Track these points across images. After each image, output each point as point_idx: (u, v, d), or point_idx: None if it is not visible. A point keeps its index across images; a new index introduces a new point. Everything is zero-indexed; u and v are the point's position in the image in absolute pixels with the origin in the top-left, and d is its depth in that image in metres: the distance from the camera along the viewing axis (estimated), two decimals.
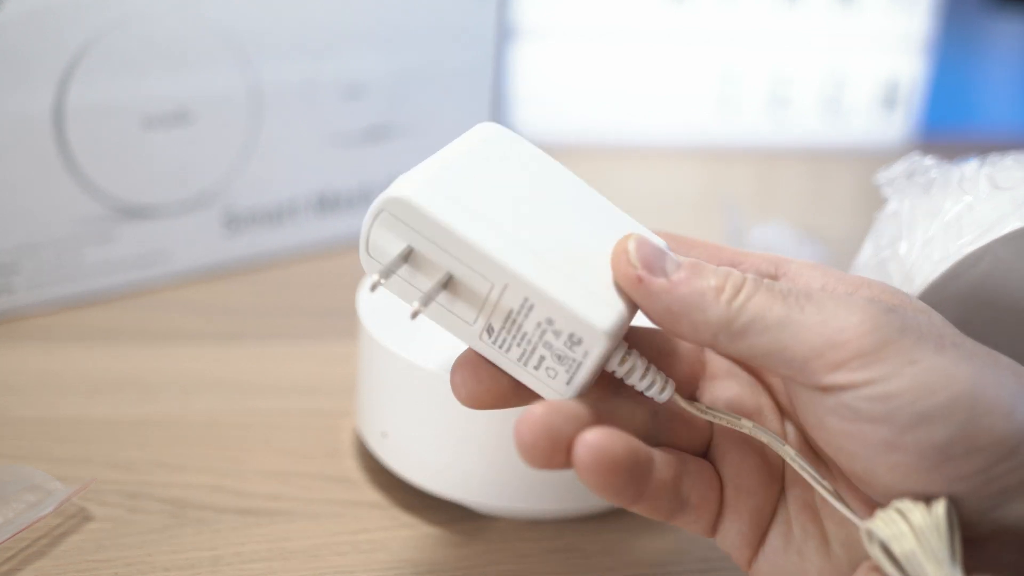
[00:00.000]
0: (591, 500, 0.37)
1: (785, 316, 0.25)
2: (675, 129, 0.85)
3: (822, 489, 0.27)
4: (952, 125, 0.92)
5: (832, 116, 0.86)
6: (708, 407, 0.29)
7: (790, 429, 0.30)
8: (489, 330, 0.27)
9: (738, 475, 0.29)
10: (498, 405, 0.29)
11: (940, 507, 0.25)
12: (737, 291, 0.26)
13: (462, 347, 0.37)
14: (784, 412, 0.31)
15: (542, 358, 0.27)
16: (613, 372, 0.28)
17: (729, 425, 0.29)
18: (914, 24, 0.85)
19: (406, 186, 0.27)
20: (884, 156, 0.44)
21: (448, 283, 0.27)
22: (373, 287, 0.27)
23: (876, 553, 0.25)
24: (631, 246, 0.27)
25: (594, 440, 0.25)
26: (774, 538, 0.29)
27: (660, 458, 0.28)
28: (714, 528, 0.29)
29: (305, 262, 0.59)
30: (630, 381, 0.28)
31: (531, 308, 0.27)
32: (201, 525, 0.37)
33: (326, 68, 0.57)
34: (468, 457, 0.36)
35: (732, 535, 0.29)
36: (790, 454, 0.28)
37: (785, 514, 0.29)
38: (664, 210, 0.71)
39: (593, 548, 0.37)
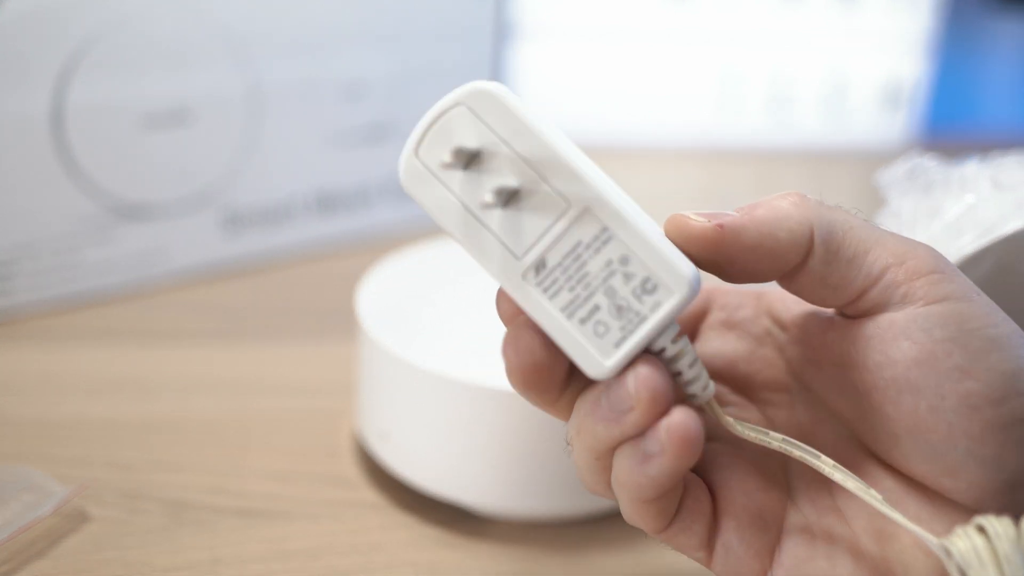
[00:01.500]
0: (590, 502, 0.37)
1: (864, 223, 0.26)
2: (675, 129, 0.85)
3: (872, 499, 0.25)
4: (954, 125, 0.92)
5: (833, 116, 0.86)
6: (737, 420, 0.28)
7: (800, 408, 0.29)
8: (540, 266, 0.24)
9: (730, 481, 0.28)
10: (539, 382, 0.26)
11: None
12: (804, 196, 0.26)
13: (462, 348, 0.38)
14: (794, 380, 0.29)
15: (595, 308, 0.24)
16: (662, 351, 0.25)
17: (757, 440, 0.27)
18: (915, 24, 0.85)
19: (490, 83, 0.24)
20: (886, 156, 0.44)
21: (511, 200, 0.24)
22: (413, 183, 0.24)
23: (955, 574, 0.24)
24: (687, 213, 0.26)
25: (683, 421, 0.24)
26: (793, 547, 0.27)
27: None
28: (709, 543, 0.27)
29: (305, 262, 0.59)
30: (677, 367, 0.25)
31: (607, 241, 0.24)
32: (200, 526, 0.37)
33: (325, 67, 0.57)
34: (467, 458, 0.36)
35: (735, 547, 0.27)
36: (827, 467, 0.26)
37: (801, 520, 0.28)
38: (664, 211, 0.71)
39: (592, 550, 0.37)
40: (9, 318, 0.50)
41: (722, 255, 0.26)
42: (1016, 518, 0.24)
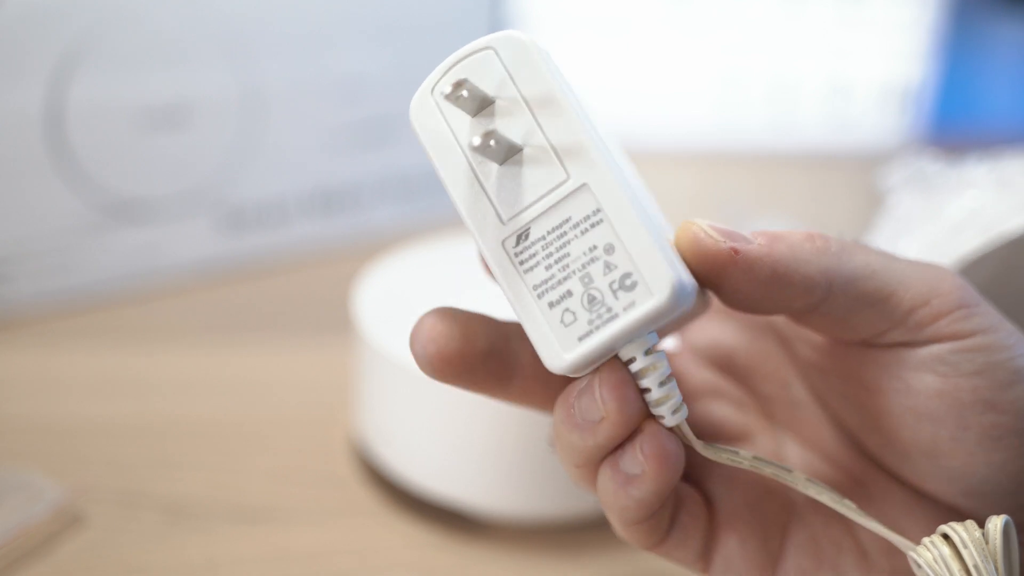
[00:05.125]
0: (587, 505, 0.37)
1: (887, 263, 0.24)
2: (675, 129, 0.85)
3: (846, 510, 0.25)
4: (957, 124, 0.91)
5: (836, 116, 0.86)
6: (707, 443, 0.26)
7: (801, 409, 0.29)
8: (522, 236, 0.22)
9: (730, 491, 0.27)
10: (456, 367, 0.24)
11: (996, 526, 0.23)
12: (829, 241, 0.24)
13: None
14: (796, 379, 0.29)
15: (567, 294, 0.22)
16: (630, 362, 0.23)
17: (728, 462, 0.25)
18: (919, 23, 0.84)
19: (526, 34, 0.22)
20: (888, 157, 0.44)
21: (510, 157, 0.23)
22: (421, 121, 0.23)
23: None
24: (704, 224, 0.24)
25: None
26: (798, 558, 0.27)
27: None
28: (707, 556, 0.26)
29: (302, 261, 0.59)
30: (645, 382, 0.23)
31: (596, 224, 0.22)
32: (197, 528, 0.37)
33: (323, 66, 0.57)
34: (464, 461, 0.36)
35: (735, 560, 0.26)
36: (800, 482, 0.25)
37: (806, 531, 0.27)
38: (665, 213, 0.71)
39: (589, 553, 0.37)
40: (7, 318, 0.50)
41: (728, 282, 0.24)
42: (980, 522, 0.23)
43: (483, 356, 0.24)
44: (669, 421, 0.23)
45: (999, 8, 0.90)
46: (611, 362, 0.23)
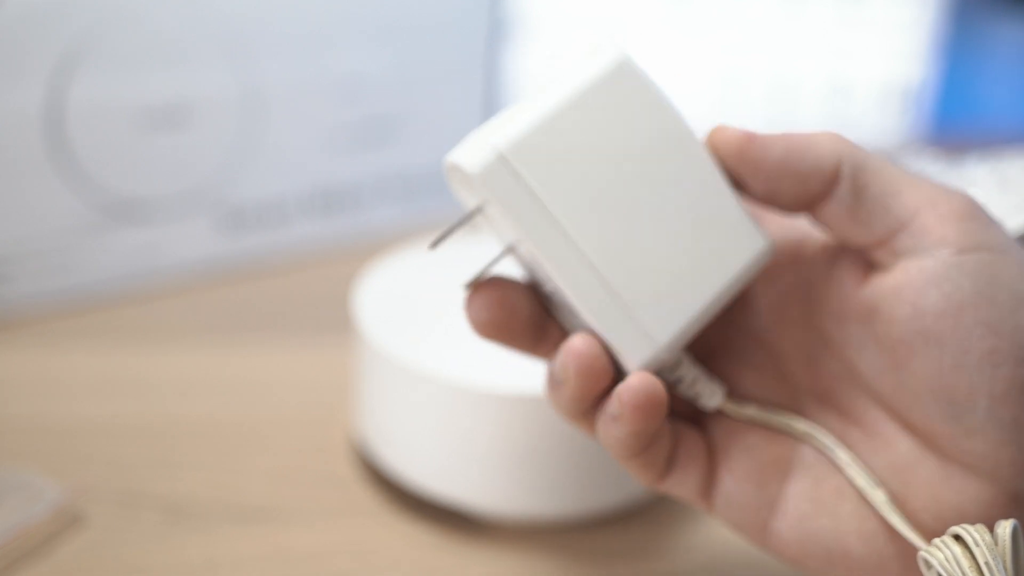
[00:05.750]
0: (588, 505, 0.37)
1: (901, 170, 0.26)
2: None
3: (876, 502, 0.26)
4: (958, 124, 0.91)
5: (836, 116, 0.86)
6: (760, 409, 0.28)
7: (819, 365, 0.29)
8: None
9: (732, 435, 0.29)
10: (503, 331, 0.28)
11: (1006, 529, 0.23)
12: (843, 136, 0.27)
13: (459, 349, 0.37)
14: (815, 335, 0.29)
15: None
16: (660, 375, 0.28)
17: (784, 429, 0.28)
18: (920, 23, 0.84)
19: (520, 149, 0.25)
20: (889, 156, 0.44)
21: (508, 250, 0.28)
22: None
23: None
24: (724, 125, 0.28)
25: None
26: (797, 502, 0.28)
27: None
28: (707, 494, 0.28)
29: (303, 262, 0.59)
30: (677, 391, 0.28)
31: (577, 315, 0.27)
32: (197, 528, 0.37)
33: (323, 66, 0.57)
34: (464, 461, 0.36)
35: (734, 498, 0.28)
36: (846, 460, 0.27)
37: (809, 478, 0.28)
38: None
39: (590, 553, 0.37)
40: (6, 318, 0.50)
41: (747, 164, 0.27)
42: (990, 526, 0.23)
43: (524, 323, 0.28)
44: (708, 407, 0.28)
45: (999, 8, 0.90)
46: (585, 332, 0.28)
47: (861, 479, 0.26)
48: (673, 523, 0.39)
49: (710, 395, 0.28)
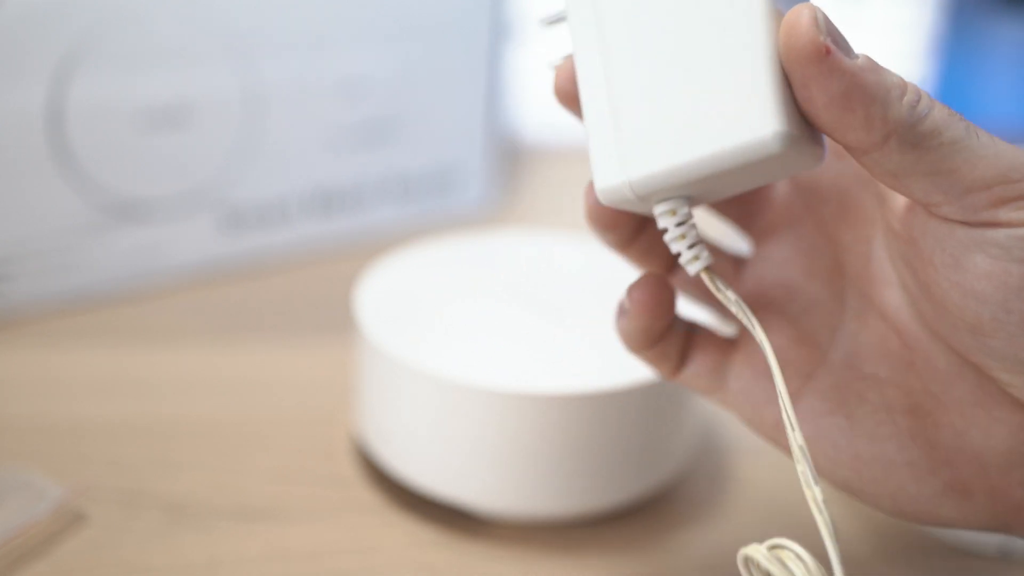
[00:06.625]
0: (589, 504, 0.37)
1: (962, 137, 0.24)
2: None
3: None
4: None
5: None
6: (736, 300, 0.27)
7: (872, 264, 0.29)
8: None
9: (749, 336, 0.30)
10: (608, 224, 0.29)
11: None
12: (919, 97, 0.23)
13: (460, 349, 0.37)
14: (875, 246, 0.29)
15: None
16: (651, 213, 0.28)
17: (745, 326, 0.27)
18: (919, 23, 0.84)
19: None
20: None
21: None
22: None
23: None
24: (817, 14, 0.23)
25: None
26: (812, 400, 0.28)
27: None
28: (722, 387, 0.30)
29: (304, 262, 0.59)
30: (665, 240, 0.27)
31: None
32: (198, 527, 0.37)
33: (324, 66, 0.57)
34: (466, 459, 0.36)
35: (750, 393, 0.29)
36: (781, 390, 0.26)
37: (831, 379, 0.29)
38: None
39: (591, 552, 0.37)
40: (6, 318, 0.50)
41: (802, 76, 0.23)
42: None
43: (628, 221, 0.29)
44: (689, 270, 0.27)
45: (999, 8, 0.90)
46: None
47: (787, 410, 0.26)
48: (673, 523, 0.39)
49: (692, 259, 0.27)
